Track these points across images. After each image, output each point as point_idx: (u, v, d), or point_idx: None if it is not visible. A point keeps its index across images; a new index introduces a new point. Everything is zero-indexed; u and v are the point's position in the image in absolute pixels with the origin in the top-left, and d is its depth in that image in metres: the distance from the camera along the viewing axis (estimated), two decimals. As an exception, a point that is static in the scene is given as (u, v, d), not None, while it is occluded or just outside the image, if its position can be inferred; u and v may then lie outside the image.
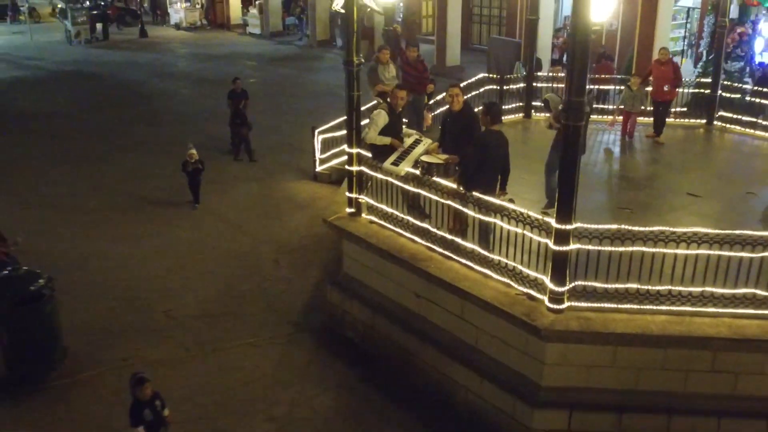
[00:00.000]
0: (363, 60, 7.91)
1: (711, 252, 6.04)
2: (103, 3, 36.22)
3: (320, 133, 13.19)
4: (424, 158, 7.34)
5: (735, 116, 12.18)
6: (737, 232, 6.07)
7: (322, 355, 8.14)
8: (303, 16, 30.71)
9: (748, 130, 11.99)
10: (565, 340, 6.16)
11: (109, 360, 8.06)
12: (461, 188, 6.90)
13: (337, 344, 8.25)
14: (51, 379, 7.68)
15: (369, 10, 9.00)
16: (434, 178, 7.11)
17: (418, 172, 7.30)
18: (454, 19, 22.81)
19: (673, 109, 12.13)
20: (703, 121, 12.45)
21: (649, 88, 11.76)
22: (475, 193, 6.68)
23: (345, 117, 8.22)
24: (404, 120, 9.10)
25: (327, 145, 13.28)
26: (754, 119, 11.94)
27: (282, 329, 8.66)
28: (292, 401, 7.38)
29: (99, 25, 31.85)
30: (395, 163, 7.37)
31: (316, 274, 9.97)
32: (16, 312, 7.37)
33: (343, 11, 8.23)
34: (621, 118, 11.66)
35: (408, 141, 7.67)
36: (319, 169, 13.34)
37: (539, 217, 6.20)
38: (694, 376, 6.22)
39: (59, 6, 33.69)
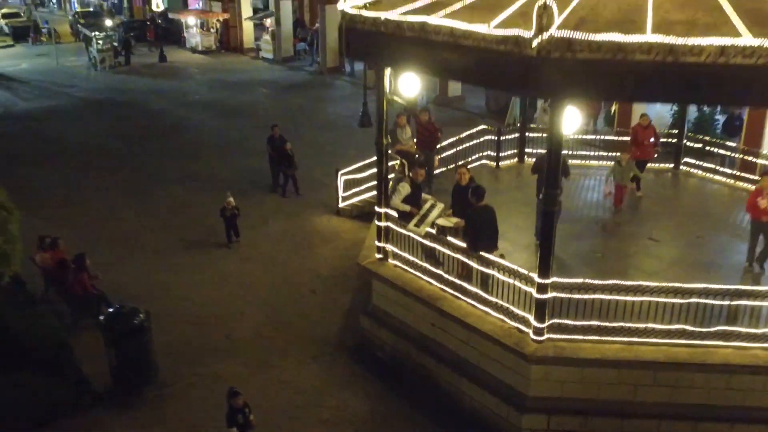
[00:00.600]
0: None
1: (651, 299, 8.18)
2: (134, 26, 38.08)
3: (342, 174, 15.33)
4: (439, 221, 9.49)
5: (698, 162, 14.30)
6: (671, 284, 8.23)
7: (357, 370, 10.28)
8: (314, 42, 32.84)
9: (708, 174, 14.10)
10: (545, 363, 8.31)
11: (188, 375, 10.20)
12: (468, 246, 9.06)
13: (369, 362, 10.39)
14: (146, 390, 9.82)
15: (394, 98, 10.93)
16: (447, 237, 9.28)
17: (434, 231, 9.46)
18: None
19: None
20: (671, 165, 14.58)
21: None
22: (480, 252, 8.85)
23: (375, 175, 10.38)
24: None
25: (348, 185, 15.41)
26: (713, 166, 14.05)
27: (323, 349, 10.80)
28: (336, 407, 9.53)
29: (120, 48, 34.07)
30: (417, 224, 9.51)
31: (346, 301, 12.11)
32: (123, 341, 9.53)
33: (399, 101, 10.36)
34: (612, 192, 12.45)
35: (426, 206, 9.81)
36: (341, 205, 15.47)
37: (525, 272, 8.34)
38: (641, 389, 8.37)
39: (83, 33, 35.71)
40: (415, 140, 13.04)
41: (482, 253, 8.84)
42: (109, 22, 37.34)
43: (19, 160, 19.76)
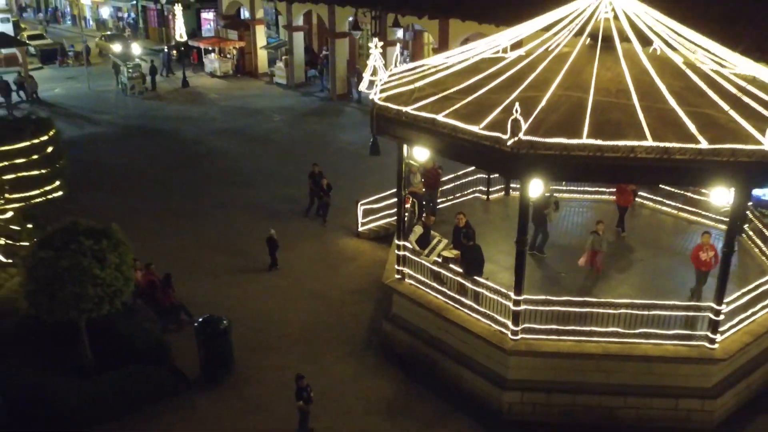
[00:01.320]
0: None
1: (592, 310, 11.65)
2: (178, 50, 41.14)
3: (362, 204, 18.75)
4: (444, 253, 12.92)
5: (649, 195, 17.73)
6: (606, 300, 11.71)
7: (382, 362, 13.70)
8: (324, 70, 36.18)
9: (657, 206, 17.52)
10: (519, 355, 11.75)
11: (256, 366, 13.61)
12: (464, 272, 12.51)
13: (391, 356, 13.81)
14: (227, 378, 13.22)
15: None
16: (450, 264, 12.73)
17: (440, 260, 12.91)
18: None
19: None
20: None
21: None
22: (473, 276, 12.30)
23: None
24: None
25: (366, 212, 18.82)
26: (661, 199, 17.47)
27: (355, 346, 14.22)
28: (368, 389, 12.95)
29: (149, 77, 37.31)
30: (427, 255, 12.95)
31: (370, 309, 15.52)
32: (212, 341, 12.95)
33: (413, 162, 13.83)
34: (586, 259, 14.06)
35: (434, 241, 13.23)
36: (361, 229, 18.89)
37: (504, 291, 11.78)
38: (587, 374, 11.81)
39: (113, 61, 38.96)
40: (422, 181, 16.45)
41: (475, 277, 12.30)
42: (137, 49, 40.68)
43: (72, 186, 23.03)
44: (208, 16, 48.97)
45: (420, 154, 13.75)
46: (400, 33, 33.09)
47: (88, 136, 29.13)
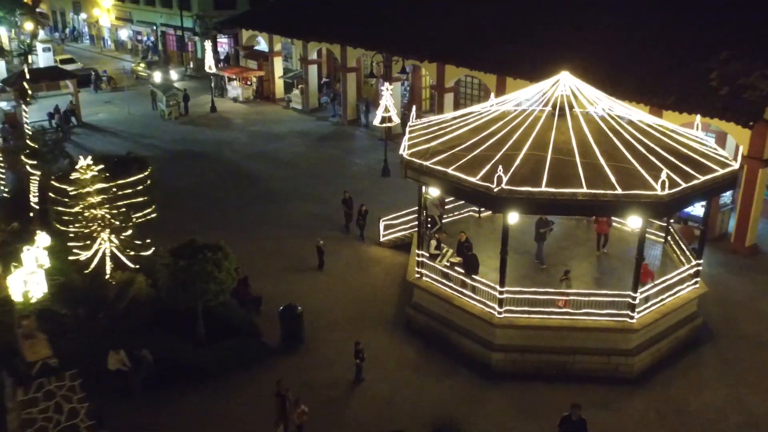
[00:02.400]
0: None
1: (550, 297, 17.43)
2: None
3: (383, 221, 24.44)
4: (451, 259, 18.65)
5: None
6: (560, 290, 17.50)
7: (407, 336, 19.39)
8: (336, 98, 41.84)
9: (626, 227, 23.23)
10: (502, 328, 17.49)
11: (318, 339, 19.25)
12: (465, 272, 18.28)
13: (413, 332, 19.50)
14: (300, 348, 18.87)
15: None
16: (455, 267, 18.49)
17: (448, 264, 18.65)
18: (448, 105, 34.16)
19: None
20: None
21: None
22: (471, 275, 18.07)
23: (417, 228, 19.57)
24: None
25: (386, 226, 24.51)
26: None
27: (387, 326, 19.89)
28: (398, 353, 18.65)
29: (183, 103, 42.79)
30: (439, 261, 18.70)
31: (395, 299, 21.20)
32: (290, 322, 18.62)
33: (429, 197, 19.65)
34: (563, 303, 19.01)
35: (444, 251, 18.94)
36: (382, 239, 24.56)
37: (493, 285, 17.53)
38: (549, 339, 17.55)
39: (151, 88, 44.32)
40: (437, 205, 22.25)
41: (472, 276, 18.07)
42: (174, 75, 46.03)
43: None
44: (222, 39, 54.64)
45: (434, 192, 19.46)
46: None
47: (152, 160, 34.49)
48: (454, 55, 32.28)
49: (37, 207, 25.45)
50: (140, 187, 21.71)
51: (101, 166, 19.57)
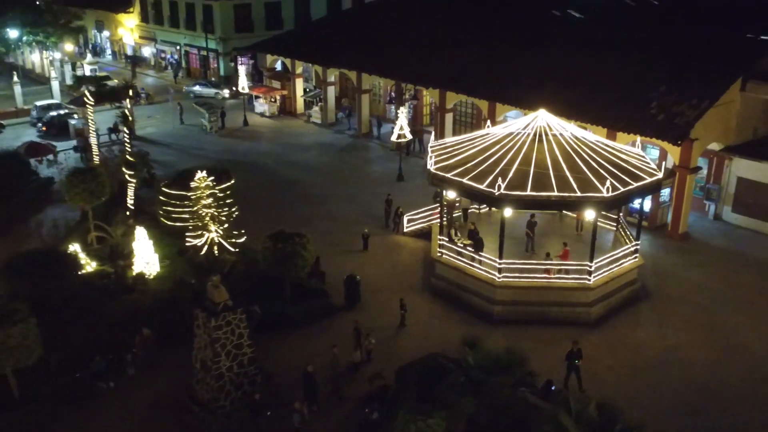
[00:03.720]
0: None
1: (536, 266, 25.41)
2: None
3: (406, 216, 32.24)
4: (463, 241, 26.51)
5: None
6: (540, 261, 25.51)
7: (433, 297, 27.27)
8: (352, 113, 49.55)
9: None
10: (501, 288, 25.44)
11: (371, 299, 27.01)
12: (474, 250, 26.21)
13: (436, 294, 27.38)
14: (357, 305, 26.63)
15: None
16: (466, 247, 26.41)
17: (462, 245, 26.54)
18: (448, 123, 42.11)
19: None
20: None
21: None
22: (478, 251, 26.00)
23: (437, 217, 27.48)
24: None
25: (408, 220, 32.32)
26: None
27: (416, 290, 27.73)
28: (428, 309, 26.55)
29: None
30: (454, 242, 26.59)
31: (421, 271, 29.05)
32: (352, 287, 26.41)
33: (447, 197, 27.57)
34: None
35: (458, 236, 26.79)
36: (405, 230, 32.36)
37: (494, 258, 25.44)
38: (533, 296, 25.51)
39: (196, 106, 51.43)
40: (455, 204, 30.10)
41: (480, 252, 26.00)
42: (225, 92, 53.35)
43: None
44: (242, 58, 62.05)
45: (450, 195, 27.30)
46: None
47: (197, 167, 41.84)
48: (455, 84, 40.20)
49: (132, 207, 32.97)
50: (228, 192, 29.36)
51: (212, 177, 27.18)
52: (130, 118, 47.47)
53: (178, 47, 68.45)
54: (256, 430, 19.91)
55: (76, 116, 47.49)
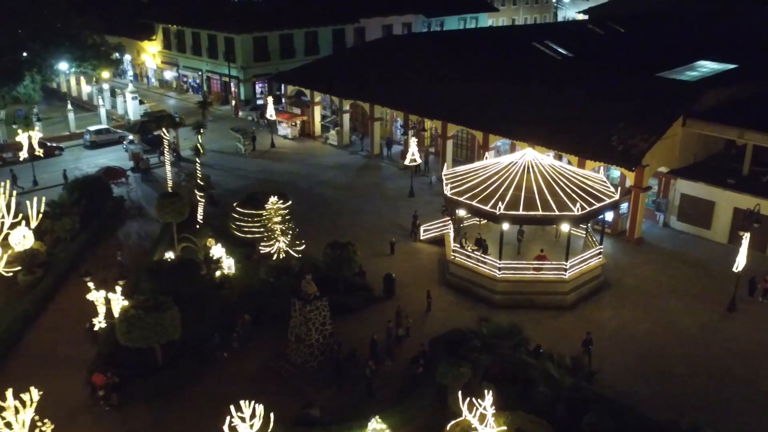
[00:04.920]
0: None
1: (526, 265, 34.44)
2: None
3: (423, 226, 41.11)
4: (472, 247, 35.41)
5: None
6: (528, 262, 34.57)
7: (448, 291, 36.16)
8: (364, 136, 58.26)
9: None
10: (500, 282, 34.42)
11: (402, 292, 35.78)
12: (482, 253, 35.20)
13: (451, 288, 36.26)
14: (392, 296, 35.39)
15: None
16: (474, 251, 35.38)
17: (470, 250, 35.47)
18: (449, 148, 51.05)
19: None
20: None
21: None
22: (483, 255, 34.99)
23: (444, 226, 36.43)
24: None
25: (424, 230, 41.17)
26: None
27: (435, 284, 36.56)
28: (446, 299, 35.43)
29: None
30: (466, 248, 35.52)
31: (437, 270, 37.95)
32: (388, 282, 35.21)
33: (459, 214, 36.57)
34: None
35: (467, 243, 35.66)
36: (422, 238, 41.21)
37: (495, 259, 34.41)
38: (524, 288, 34.51)
39: (232, 132, 59.75)
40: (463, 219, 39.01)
41: (485, 256, 34.96)
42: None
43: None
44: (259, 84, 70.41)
45: (462, 213, 36.16)
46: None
47: (242, 186, 50.23)
48: (454, 117, 49.17)
49: (201, 223, 41.36)
50: (288, 210, 37.96)
51: (282, 201, 35.80)
52: (201, 150, 55.24)
53: (200, 73, 76.58)
54: (340, 381, 28.56)
55: (133, 140, 55.66)
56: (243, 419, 22.42)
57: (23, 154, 48.90)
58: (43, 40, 60.80)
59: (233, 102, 71.47)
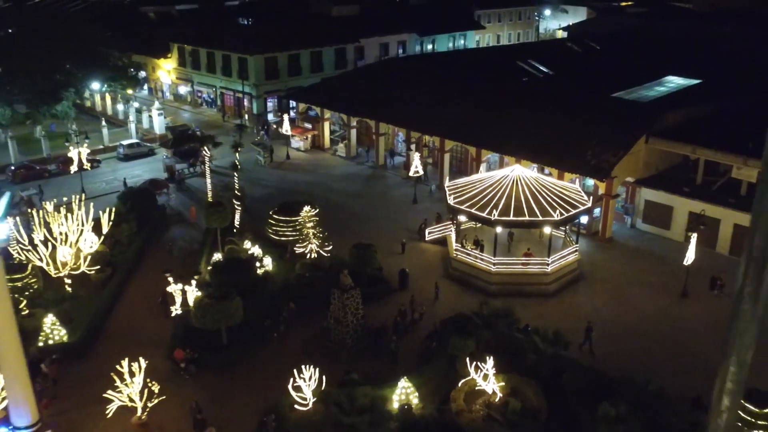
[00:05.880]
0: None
1: (515, 261, 42.11)
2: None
3: (428, 229, 48.64)
4: (470, 246, 42.95)
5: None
6: (517, 258, 42.28)
7: (452, 282, 43.72)
8: (370, 149, 65.72)
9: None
10: (495, 274, 42.04)
11: (413, 284, 43.30)
12: (479, 251, 42.81)
13: (454, 280, 43.82)
14: (406, 288, 42.87)
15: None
16: (473, 250, 43.00)
17: (470, 249, 43.05)
18: (446, 160, 58.68)
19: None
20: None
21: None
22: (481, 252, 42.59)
23: (445, 227, 44.00)
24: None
25: (429, 232, 48.69)
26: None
27: (440, 277, 44.12)
28: (450, 289, 42.99)
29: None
30: (465, 247, 43.09)
31: (441, 265, 45.49)
32: (403, 276, 42.72)
33: (460, 219, 44.16)
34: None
35: (467, 243, 43.19)
36: (427, 239, 48.75)
37: (490, 257, 42.04)
38: (514, 278, 42.16)
39: (253, 146, 66.87)
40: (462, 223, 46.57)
41: (482, 253, 42.57)
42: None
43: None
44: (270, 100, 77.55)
45: (463, 219, 43.69)
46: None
47: (268, 194, 57.43)
48: (451, 133, 56.78)
49: (237, 228, 48.64)
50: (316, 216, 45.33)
51: (316, 209, 43.15)
52: (239, 166, 61.78)
53: (214, 89, 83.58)
54: (372, 353, 35.95)
55: (166, 155, 62.79)
56: (304, 380, 29.90)
57: (74, 168, 55.80)
58: (80, 64, 67.60)
59: (246, 116, 78.55)
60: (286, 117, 66.77)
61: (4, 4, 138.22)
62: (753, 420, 28.06)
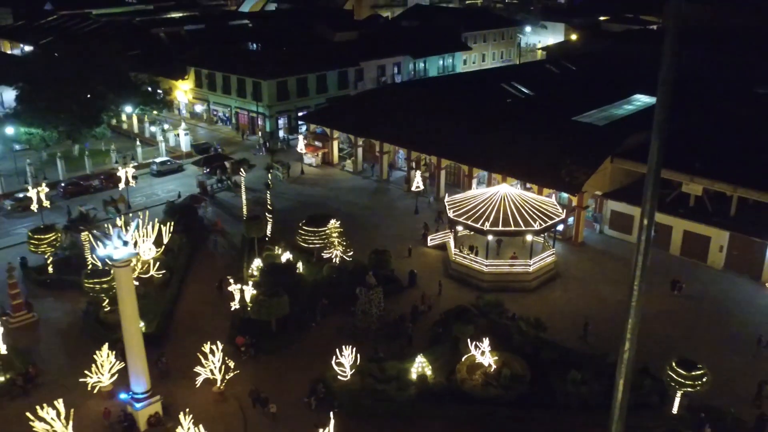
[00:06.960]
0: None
1: (503, 263, 51.80)
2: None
3: (430, 236, 58.13)
4: (467, 250, 52.52)
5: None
6: (504, 260, 52.02)
7: (452, 280, 53.25)
8: (374, 164, 75.06)
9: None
10: (487, 274, 51.65)
11: (420, 282, 52.77)
12: (475, 254, 52.44)
13: (453, 279, 53.35)
14: (415, 285, 52.34)
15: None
16: (470, 254, 52.63)
17: (467, 253, 52.65)
18: (442, 176, 68.26)
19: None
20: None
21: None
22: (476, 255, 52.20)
23: (447, 237, 53.63)
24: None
25: (430, 239, 58.17)
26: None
27: (442, 277, 53.62)
28: (450, 286, 52.52)
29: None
30: (463, 252, 52.69)
31: (441, 266, 55.00)
32: (412, 276, 52.22)
33: (460, 230, 53.88)
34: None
35: (464, 248, 52.73)
36: (429, 244, 58.23)
37: (483, 258, 51.66)
38: (502, 276, 51.78)
39: (272, 164, 75.93)
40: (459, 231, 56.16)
41: (475, 257, 52.20)
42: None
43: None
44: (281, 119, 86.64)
45: (462, 227, 53.20)
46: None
47: (292, 208, 66.65)
48: (446, 152, 66.35)
49: (269, 237, 57.87)
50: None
51: (339, 222, 52.49)
52: (271, 185, 70.37)
53: (229, 108, 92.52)
54: (394, 336, 45.30)
55: (199, 173, 71.78)
56: (344, 357, 39.34)
57: (122, 185, 64.72)
58: (116, 91, 76.41)
59: (260, 133, 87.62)
60: (301, 140, 75.89)
61: (15, 22, 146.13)
62: (683, 381, 37.71)
